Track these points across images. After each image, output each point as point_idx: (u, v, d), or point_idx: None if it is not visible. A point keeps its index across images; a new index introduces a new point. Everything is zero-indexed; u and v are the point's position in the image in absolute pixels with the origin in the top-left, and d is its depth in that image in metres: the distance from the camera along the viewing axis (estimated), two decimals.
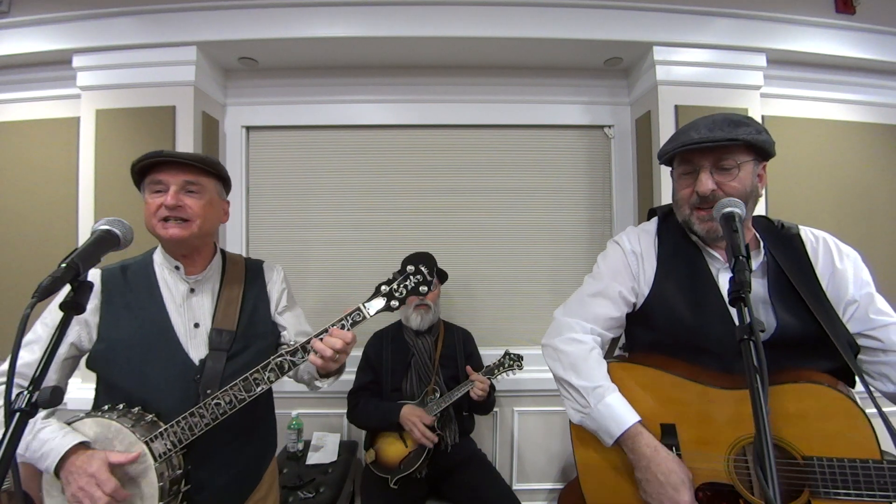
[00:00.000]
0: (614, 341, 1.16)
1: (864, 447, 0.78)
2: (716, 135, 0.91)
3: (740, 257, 0.74)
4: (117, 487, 0.87)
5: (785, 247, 1.00)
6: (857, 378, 0.90)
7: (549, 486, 2.27)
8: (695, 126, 0.96)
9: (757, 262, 0.99)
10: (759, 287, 0.96)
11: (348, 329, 0.98)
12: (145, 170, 1.04)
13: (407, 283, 1.01)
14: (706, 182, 0.93)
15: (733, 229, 0.80)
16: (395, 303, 1.01)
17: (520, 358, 1.83)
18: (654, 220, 1.14)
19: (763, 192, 1.00)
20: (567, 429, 1.02)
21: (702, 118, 0.98)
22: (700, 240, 1.01)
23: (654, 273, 1.04)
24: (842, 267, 0.96)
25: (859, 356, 0.95)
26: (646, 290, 1.04)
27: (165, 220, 1.02)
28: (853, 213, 2.26)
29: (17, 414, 0.64)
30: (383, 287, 1.01)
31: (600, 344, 1.05)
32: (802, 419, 0.82)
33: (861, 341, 0.94)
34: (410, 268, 1.02)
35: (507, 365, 1.82)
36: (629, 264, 1.08)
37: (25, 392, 0.65)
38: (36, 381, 0.68)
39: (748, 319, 0.68)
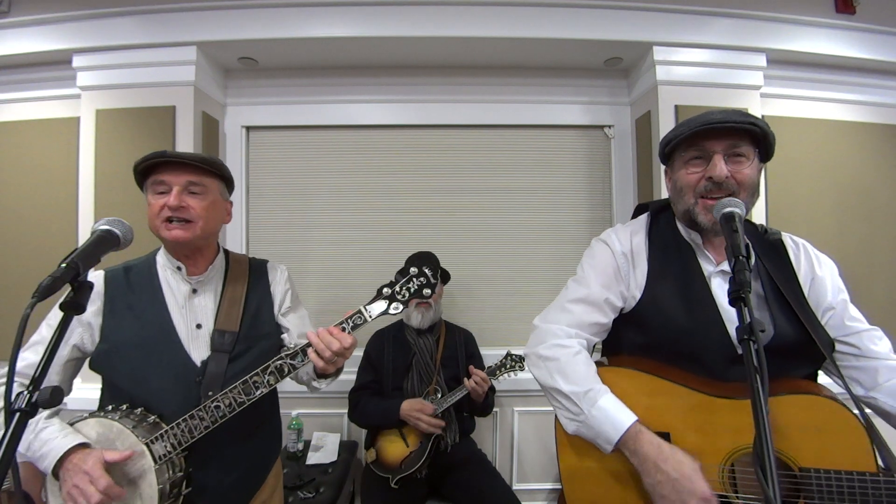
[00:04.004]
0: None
1: (861, 460, 0.78)
2: (736, 117, 0.89)
3: (740, 257, 0.73)
4: (110, 484, 0.87)
5: (770, 252, 1.00)
6: (833, 379, 0.93)
7: (549, 486, 2.27)
8: (707, 113, 0.93)
9: (749, 264, 0.99)
10: (756, 289, 0.96)
11: (349, 332, 0.96)
12: (148, 170, 1.03)
13: (410, 285, 0.98)
14: (721, 166, 0.90)
15: (734, 229, 0.79)
16: (397, 305, 0.97)
17: (521, 359, 1.83)
18: (644, 216, 1.10)
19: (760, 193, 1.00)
20: None
21: (709, 111, 0.95)
22: (699, 234, 0.99)
23: (646, 274, 1.00)
24: (821, 274, 0.99)
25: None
26: (637, 293, 1.00)
27: (169, 220, 1.01)
28: (853, 213, 2.26)
29: (18, 414, 0.64)
30: (385, 289, 0.98)
31: (586, 348, 0.99)
32: (800, 431, 0.82)
33: (836, 346, 0.96)
34: (413, 270, 0.98)
35: (508, 366, 1.82)
36: (619, 267, 1.02)
37: (25, 392, 0.65)
38: (36, 381, 0.68)
39: (748, 319, 0.67)
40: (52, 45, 2.07)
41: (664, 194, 2.04)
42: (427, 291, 0.99)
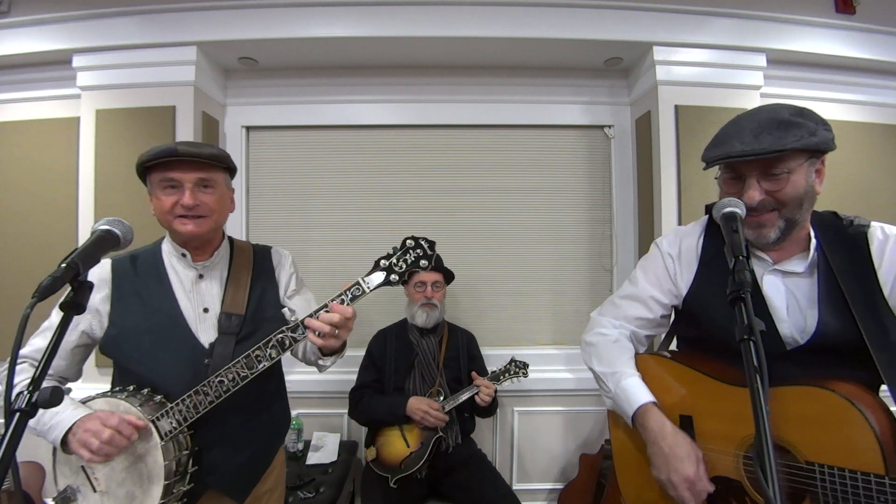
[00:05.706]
0: (667, 337, 1.17)
1: (867, 461, 0.75)
2: (762, 144, 0.84)
3: (740, 257, 0.74)
4: (122, 418, 0.89)
5: (845, 247, 0.95)
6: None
7: (549, 486, 2.27)
8: (738, 131, 0.88)
9: (804, 263, 0.95)
10: (809, 287, 0.93)
11: (348, 304, 0.97)
12: (154, 165, 1.03)
13: (407, 256, 0.99)
14: (753, 194, 0.87)
15: (733, 229, 0.80)
16: (394, 276, 0.99)
17: (525, 365, 1.83)
18: (705, 217, 1.11)
19: (821, 188, 0.94)
20: (568, 428, 1.02)
21: (747, 117, 0.90)
22: (749, 243, 0.96)
23: (696, 272, 1.04)
24: None
25: None
26: (684, 291, 1.05)
27: (182, 216, 1.02)
28: (853, 213, 2.25)
29: (17, 414, 0.64)
30: (383, 261, 1.00)
31: (629, 337, 1.09)
32: (807, 423, 0.80)
33: None
34: (410, 241, 0.99)
35: (512, 372, 1.82)
36: (666, 266, 1.08)
37: (25, 392, 0.65)
38: (36, 381, 0.68)
39: (747, 319, 0.68)
40: (52, 45, 2.07)
41: (664, 194, 2.06)
42: (424, 263, 0.99)
